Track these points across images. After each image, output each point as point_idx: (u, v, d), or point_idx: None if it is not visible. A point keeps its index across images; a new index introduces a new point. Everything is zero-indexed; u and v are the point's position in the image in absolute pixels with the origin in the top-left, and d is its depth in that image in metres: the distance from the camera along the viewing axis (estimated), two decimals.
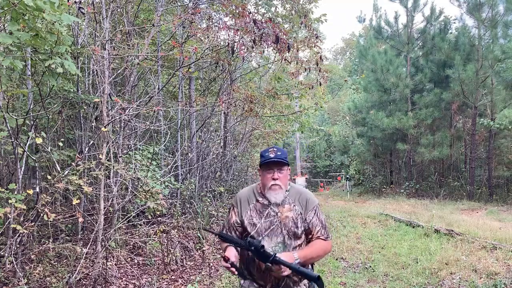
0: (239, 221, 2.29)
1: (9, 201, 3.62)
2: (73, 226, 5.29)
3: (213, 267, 5.37)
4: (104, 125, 4.44)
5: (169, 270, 5.05)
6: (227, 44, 6.34)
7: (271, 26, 5.91)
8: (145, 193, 4.79)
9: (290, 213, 2.23)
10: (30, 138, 4.26)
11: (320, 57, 7.55)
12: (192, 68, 8.27)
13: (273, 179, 2.20)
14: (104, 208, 4.44)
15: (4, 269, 3.98)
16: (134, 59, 5.59)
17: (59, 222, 4.65)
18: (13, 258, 3.92)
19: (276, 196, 2.21)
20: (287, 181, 2.28)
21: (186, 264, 5.39)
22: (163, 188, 5.26)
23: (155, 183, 5.01)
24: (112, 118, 4.73)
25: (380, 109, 17.53)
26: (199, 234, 6.29)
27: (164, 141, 6.92)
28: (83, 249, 4.40)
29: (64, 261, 4.47)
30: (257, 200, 2.29)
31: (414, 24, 17.43)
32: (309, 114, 12.46)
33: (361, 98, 20.39)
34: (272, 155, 2.19)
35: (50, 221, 4.09)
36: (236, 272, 2.05)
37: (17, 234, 3.94)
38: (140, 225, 5.70)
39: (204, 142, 8.68)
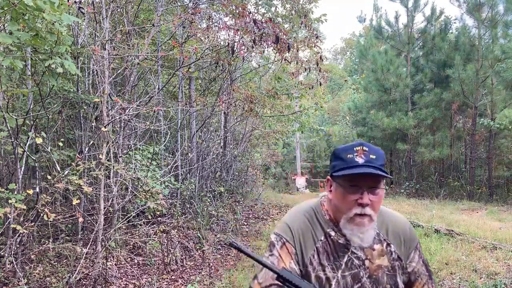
0: (298, 272, 1.28)
1: (9, 201, 3.62)
2: (73, 226, 5.29)
3: (213, 267, 5.37)
4: (104, 125, 4.44)
5: (169, 270, 5.05)
6: (227, 44, 6.35)
7: (271, 26, 5.91)
8: (145, 193, 4.79)
9: (384, 260, 1.34)
10: (30, 138, 4.26)
11: (320, 57, 7.54)
12: (192, 68, 8.27)
13: (360, 204, 1.23)
14: (104, 208, 4.44)
15: (4, 269, 3.98)
16: (134, 59, 5.59)
17: (59, 222, 4.65)
18: (13, 258, 3.92)
19: (362, 236, 1.29)
20: (380, 205, 1.31)
21: (186, 264, 5.39)
22: (163, 188, 5.27)
23: (155, 183, 5.01)
24: (112, 118, 4.73)
25: (380, 109, 17.53)
26: (199, 234, 6.30)
27: (164, 141, 6.92)
28: (83, 249, 4.41)
29: (64, 261, 4.47)
30: (328, 236, 1.32)
31: (414, 24, 17.42)
32: (309, 114, 12.45)
33: (361, 98, 20.38)
34: (360, 160, 1.23)
35: (50, 221, 4.09)
36: None
37: (17, 234, 3.94)
38: (140, 225, 5.70)
39: (204, 142, 8.68)
